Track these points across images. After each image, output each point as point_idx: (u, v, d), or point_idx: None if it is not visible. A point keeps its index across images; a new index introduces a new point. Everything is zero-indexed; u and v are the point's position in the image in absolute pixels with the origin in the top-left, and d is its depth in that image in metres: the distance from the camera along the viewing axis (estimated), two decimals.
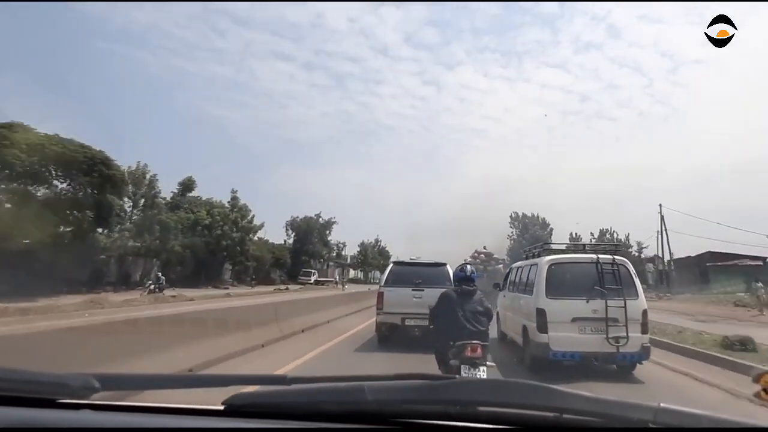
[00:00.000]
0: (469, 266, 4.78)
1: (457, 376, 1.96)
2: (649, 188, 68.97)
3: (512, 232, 55.74)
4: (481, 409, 1.00)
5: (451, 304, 4.40)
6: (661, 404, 0.93)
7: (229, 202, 42.49)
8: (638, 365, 6.57)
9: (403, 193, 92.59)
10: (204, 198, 39.65)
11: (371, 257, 73.00)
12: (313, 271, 50.99)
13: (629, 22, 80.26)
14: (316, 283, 46.43)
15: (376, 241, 75.31)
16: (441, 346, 4.28)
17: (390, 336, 8.90)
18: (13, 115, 23.69)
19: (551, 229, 52.48)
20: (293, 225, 60.20)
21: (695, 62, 72.30)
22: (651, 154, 70.52)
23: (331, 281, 49.24)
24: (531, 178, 77.75)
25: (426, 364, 5.20)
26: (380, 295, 9.09)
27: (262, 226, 43.47)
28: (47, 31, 56.55)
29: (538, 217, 55.32)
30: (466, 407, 1.00)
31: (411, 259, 10.25)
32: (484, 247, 26.68)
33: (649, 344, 6.39)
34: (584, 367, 6.48)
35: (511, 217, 56.38)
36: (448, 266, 9.68)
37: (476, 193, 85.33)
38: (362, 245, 73.60)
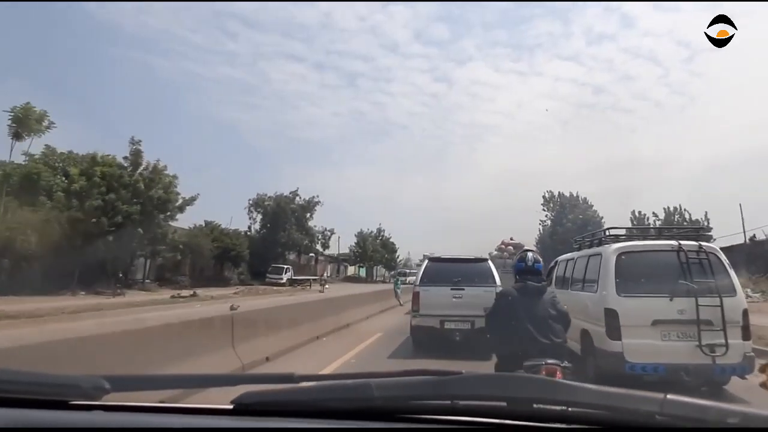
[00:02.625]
0: (530, 253, 3.83)
1: (463, 371, 1.33)
2: (666, 179, 67.43)
3: (546, 216, 48.04)
4: (488, 403, 1.06)
5: (513, 308, 3.53)
6: (668, 395, 0.99)
7: (126, 157, 27.97)
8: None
9: (418, 191, 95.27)
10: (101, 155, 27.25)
11: (371, 250, 63.52)
12: (285, 266, 42.69)
13: (643, 11, 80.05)
14: (291, 283, 39.69)
15: (379, 230, 66.52)
16: (503, 366, 3.49)
17: (426, 341, 8.63)
18: None
19: (595, 211, 45.44)
20: (258, 205, 47.27)
21: (712, 50, 70.83)
22: (669, 145, 69.28)
23: (316, 280, 40.28)
24: (547, 172, 77.57)
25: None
26: (415, 295, 8.82)
27: (193, 200, 30.52)
28: (63, 38, 61.76)
29: (578, 196, 47.38)
30: (473, 402, 1.07)
31: (427, 255, 10.10)
32: (511, 238, 24.61)
33: (752, 353, 5.76)
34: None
35: (544, 197, 48.38)
36: (490, 261, 9.59)
37: (492, 188, 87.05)
38: (360, 235, 64.22)
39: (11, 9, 39.65)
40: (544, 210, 48.17)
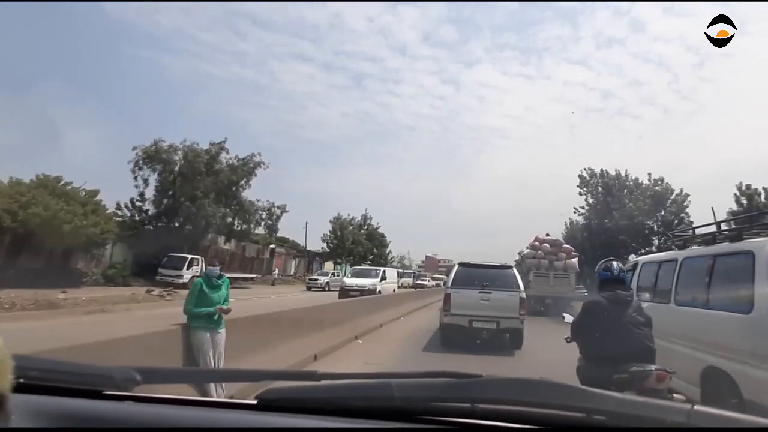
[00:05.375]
0: (615, 263, 4.21)
1: (483, 374, 1.41)
2: (676, 185, 66.83)
3: (586, 200, 40.94)
4: (509, 407, 1.10)
5: (605, 316, 3.90)
6: (695, 406, 1.01)
7: None
8: None
9: (423, 192, 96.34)
10: None
11: (350, 241, 51.06)
12: (191, 257, 29.23)
13: (653, 15, 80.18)
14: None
15: (365, 217, 55.23)
16: (596, 374, 3.74)
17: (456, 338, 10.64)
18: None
19: (669, 185, 37.96)
20: (153, 159, 31.42)
21: (723, 56, 70.63)
22: (676, 152, 69.37)
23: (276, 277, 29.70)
24: (555, 174, 77.03)
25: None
26: (447, 297, 10.37)
27: None
28: (79, 38, 63.57)
29: (627, 176, 40.47)
30: (493, 405, 1.12)
31: (430, 255, 10.31)
32: (547, 234, 22.18)
33: None
34: None
35: (581, 177, 41.23)
36: (514, 269, 11.33)
37: (499, 191, 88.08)
38: (337, 221, 52.02)
39: (19, 8, 40.80)
40: (581, 193, 41.00)
